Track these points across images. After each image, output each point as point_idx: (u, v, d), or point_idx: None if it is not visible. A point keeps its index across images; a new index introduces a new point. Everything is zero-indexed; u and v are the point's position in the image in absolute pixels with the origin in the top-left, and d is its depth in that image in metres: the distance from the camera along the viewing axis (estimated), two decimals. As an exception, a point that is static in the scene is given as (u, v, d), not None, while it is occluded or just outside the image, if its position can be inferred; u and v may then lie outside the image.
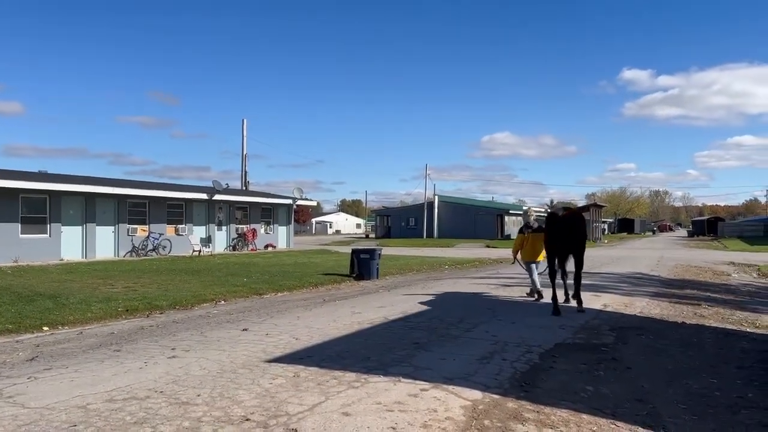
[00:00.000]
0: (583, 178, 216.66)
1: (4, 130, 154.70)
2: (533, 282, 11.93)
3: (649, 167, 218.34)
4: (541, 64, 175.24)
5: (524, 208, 12.63)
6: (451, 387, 5.43)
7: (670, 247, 44.04)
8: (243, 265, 20.25)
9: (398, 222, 65.64)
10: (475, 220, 59.27)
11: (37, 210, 21.97)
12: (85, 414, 4.66)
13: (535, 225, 12.04)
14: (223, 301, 12.00)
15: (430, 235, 58.73)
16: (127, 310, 10.35)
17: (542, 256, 11.65)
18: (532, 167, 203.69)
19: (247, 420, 4.49)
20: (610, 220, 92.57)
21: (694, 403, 5.12)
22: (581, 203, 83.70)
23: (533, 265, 11.93)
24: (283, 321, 9.27)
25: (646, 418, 4.68)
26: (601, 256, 29.29)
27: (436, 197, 62.84)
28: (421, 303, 11.39)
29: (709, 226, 79.31)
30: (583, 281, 10.92)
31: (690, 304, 11.61)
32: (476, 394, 5.23)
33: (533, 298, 11.99)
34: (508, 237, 56.03)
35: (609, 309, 10.75)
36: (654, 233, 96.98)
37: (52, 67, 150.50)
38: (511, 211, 62.08)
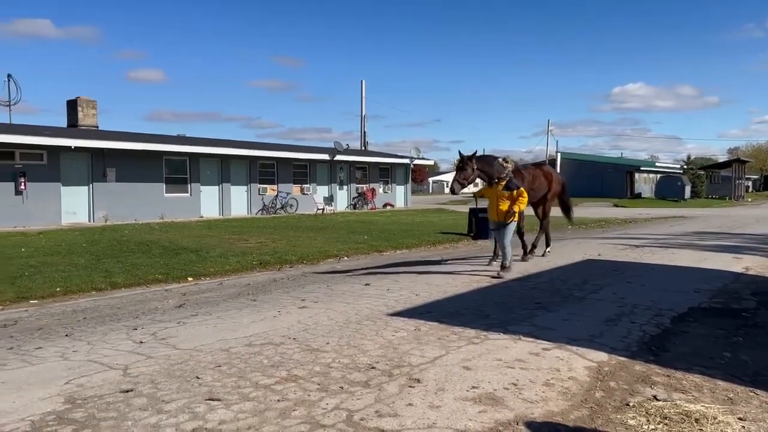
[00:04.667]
0: (725, 131, 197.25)
1: (148, 97, 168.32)
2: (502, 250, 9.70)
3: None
4: (681, 6, 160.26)
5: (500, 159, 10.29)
6: (574, 348, 5.34)
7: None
8: (363, 223, 20.86)
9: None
10: (602, 178, 56.29)
11: (178, 171, 23.91)
12: (228, 356, 5.13)
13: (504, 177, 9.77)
14: (346, 257, 12.49)
15: (552, 193, 56.77)
16: (261, 264, 11.10)
17: (515, 217, 9.57)
18: (667, 120, 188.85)
19: (372, 368, 4.73)
20: (755, 177, 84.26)
21: None
22: (722, 159, 76.90)
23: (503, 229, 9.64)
24: (402, 277, 9.50)
25: (793, 390, 4.34)
26: (744, 216, 26.89)
27: (559, 154, 60.34)
28: (542, 263, 11.17)
29: None
30: (724, 242, 10.17)
31: None
32: (601, 356, 5.11)
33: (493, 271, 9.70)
34: (638, 195, 52.90)
35: (751, 272, 9.92)
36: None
37: (190, 36, 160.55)
38: (642, 168, 58.39)
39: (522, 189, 9.58)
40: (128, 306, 7.52)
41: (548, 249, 12.42)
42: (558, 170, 60.75)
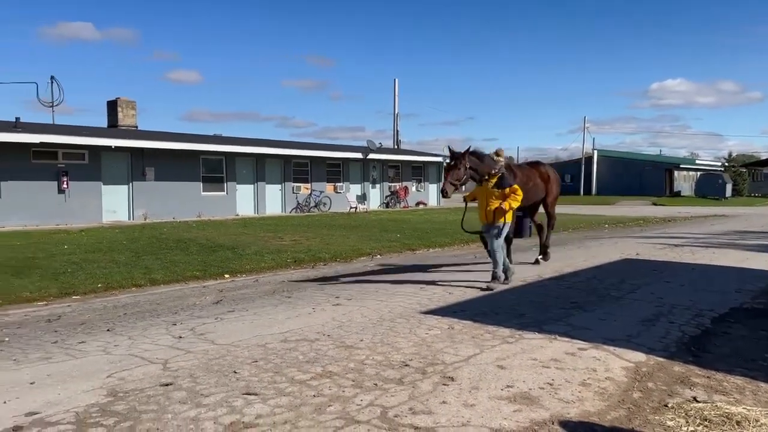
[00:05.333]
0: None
1: (184, 97, 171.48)
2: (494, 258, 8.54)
3: None
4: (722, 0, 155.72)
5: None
6: (611, 348, 5.26)
7: None
8: (396, 222, 20.89)
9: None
10: (640, 176, 55.18)
11: (215, 170, 24.33)
12: (264, 352, 5.21)
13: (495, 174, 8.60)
14: (378, 255, 12.53)
15: (587, 192, 55.96)
16: (295, 261, 11.22)
17: (507, 217, 8.48)
18: (707, 117, 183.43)
19: (406, 365, 4.75)
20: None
21: None
22: (765, 156, 74.55)
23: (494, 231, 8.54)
24: (435, 275, 9.49)
25: (842, 394, 4.19)
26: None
27: (595, 151, 59.46)
28: (578, 262, 11.03)
29: None
30: (767, 241, 9.84)
31: None
32: (639, 356, 5.02)
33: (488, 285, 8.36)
34: (678, 194, 51.67)
35: (798, 274, 9.61)
36: None
37: (225, 37, 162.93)
38: (681, 166, 56.98)
39: (516, 186, 8.39)
40: (167, 302, 7.69)
41: (540, 257, 11.04)
42: (595, 168, 59.71)
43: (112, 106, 27.08)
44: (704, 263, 10.82)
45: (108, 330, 6.14)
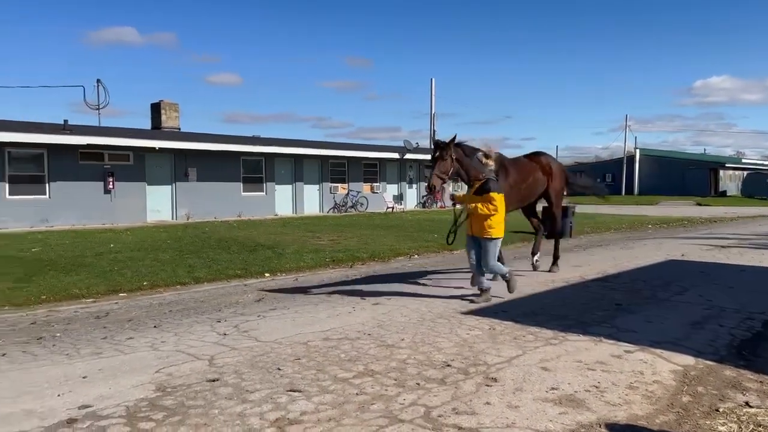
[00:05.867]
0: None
1: (225, 99, 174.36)
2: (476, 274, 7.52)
3: None
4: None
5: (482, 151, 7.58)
6: (658, 350, 5.14)
7: None
8: (433, 222, 20.81)
9: (593, 178, 62.12)
10: (683, 176, 53.79)
11: (254, 170, 24.69)
12: (307, 350, 5.26)
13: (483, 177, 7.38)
14: (416, 255, 12.52)
15: (629, 191, 54.79)
16: (333, 261, 11.30)
17: (493, 231, 7.13)
18: (754, 114, 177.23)
19: (448, 366, 4.73)
20: None
21: None
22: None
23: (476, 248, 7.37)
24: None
25: None
26: None
27: (637, 150, 58.18)
28: (621, 263, 10.79)
29: None
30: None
31: None
32: (688, 360, 4.90)
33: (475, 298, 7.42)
34: (723, 194, 50.16)
35: None
36: None
37: (265, 39, 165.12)
38: (727, 165, 55.28)
39: (493, 195, 7.02)
40: (211, 300, 7.84)
41: (536, 258, 9.85)
42: (637, 167, 58.16)
43: (156, 109, 27.72)
44: (754, 265, 10.48)
45: (155, 326, 6.30)
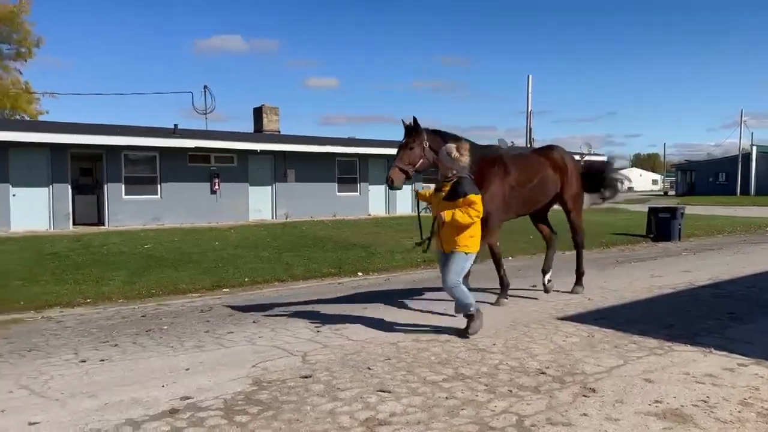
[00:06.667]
0: None
1: (322, 102, 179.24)
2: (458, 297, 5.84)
3: None
4: None
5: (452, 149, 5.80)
6: (778, 366, 4.70)
7: None
8: (528, 223, 20.23)
9: (704, 177, 58.11)
10: (807, 174, 49.16)
11: (349, 171, 25.15)
12: (396, 350, 5.26)
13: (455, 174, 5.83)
14: (510, 257, 12.23)
15: (745, 191, 50.70)
16: (425, 261, 11.25)
17: (469, 243, 5.76)
18: None
19: (542, 373, 4.56)
20: None
21: None
22: None
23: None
24: (572, 280, 9.04)
25: None
26: None
27: (754, 147, 53.69)
28: (735, 269, 9.98)
29: None
30: None
31: None
32: (813, 378, 4.43)
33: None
34: None
35: None
36: None
37: (361, 43, 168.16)
38: None
39: (473, 198, 5.57)
40: (306, 297, 8.04)
41: (548, 278, 8.05)
42: (753, 166, 53.86)
43: (258, 113, 28.89)
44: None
45: (254, 322, 6.54)
